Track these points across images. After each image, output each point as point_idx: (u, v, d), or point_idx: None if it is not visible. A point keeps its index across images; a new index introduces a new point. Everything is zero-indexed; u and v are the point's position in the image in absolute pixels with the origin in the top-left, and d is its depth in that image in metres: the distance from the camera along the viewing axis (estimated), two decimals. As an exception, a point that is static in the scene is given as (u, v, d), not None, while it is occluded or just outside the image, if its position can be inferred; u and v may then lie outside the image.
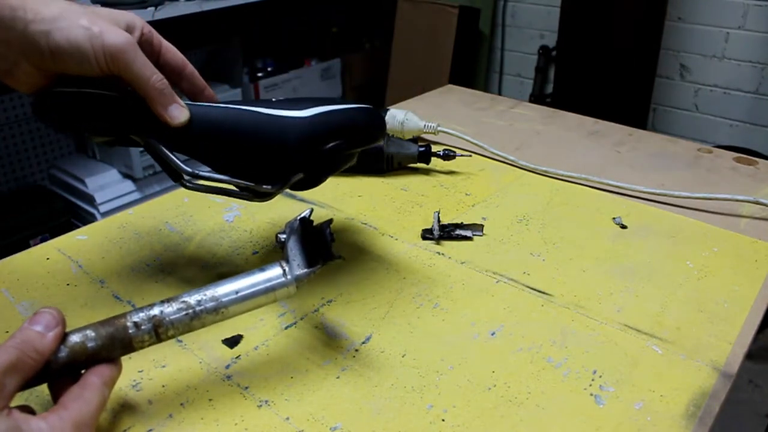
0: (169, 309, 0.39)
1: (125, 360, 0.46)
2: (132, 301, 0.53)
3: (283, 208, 0.68)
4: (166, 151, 0.47)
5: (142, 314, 0.38)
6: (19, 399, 0.40)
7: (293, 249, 0.43)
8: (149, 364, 0.46)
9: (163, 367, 0.46)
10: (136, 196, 1.93)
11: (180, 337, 0.49)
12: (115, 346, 0.37)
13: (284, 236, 0.45)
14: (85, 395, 0.35)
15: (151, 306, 0.39)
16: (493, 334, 0.50)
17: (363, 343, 0.49)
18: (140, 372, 0.45)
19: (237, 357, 0.47)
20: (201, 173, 0.48)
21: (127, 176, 1.93)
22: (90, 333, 0.37)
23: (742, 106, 2.23)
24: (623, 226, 0.66)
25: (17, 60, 0.42)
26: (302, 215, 0.46)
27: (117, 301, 0.53)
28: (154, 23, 1.98)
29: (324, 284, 0.56)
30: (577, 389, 0.45)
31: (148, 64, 0.44)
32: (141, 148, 1.98)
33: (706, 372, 0.46)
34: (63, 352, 0.36)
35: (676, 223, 0.66)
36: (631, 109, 2.15)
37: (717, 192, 0.70)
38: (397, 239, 0.63)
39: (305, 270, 0.42)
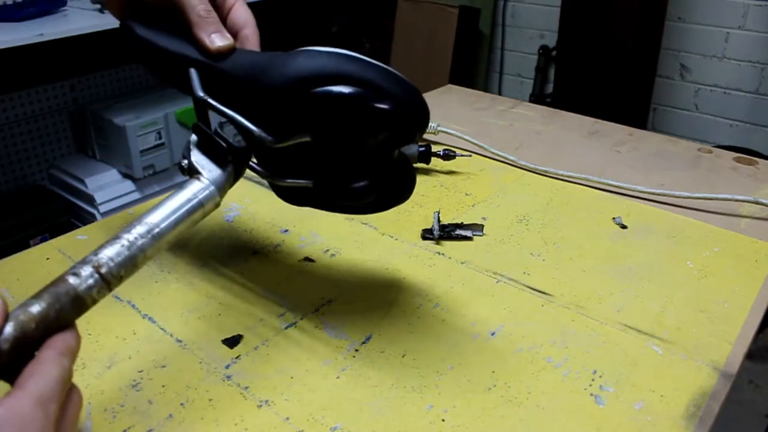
0: (106, 250, 0.36)
1: (125, 360, 0.46)
2: (132, 302, 0.53)
3: (284, 209, 0.68)
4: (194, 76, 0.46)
5: (78, 263, 0.35)
6: None
7: (200, 161, 0.42)
8: (149, 364, 0.46)
9: (163, 367, 0.46)
10: (136, 196, 1.93)
11: (180, 337, 0.49)
12: (63, 305, 0.33)
13: (186, 161, 0.43)
14: (41, 369, 0.32)
15: (86, 256, 0.36)
16: (493, 334, 0.50)
17: (363, 343, 0.49)
18: (140, 372, 0.45)
19: (237, 357, 0.47)
20: (213, 102, 0.45)
21: (127, 176, 1.93)
22: (32, 300, 0.33)
23: (742, 106, 2.23)
24: (623, 226, 0.66)
25: None
26: (193, 128, 0.44)
27: (117, 302, 0.53)
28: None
29: (324, 284, 0.56)
30: (577, 389, 0.45)
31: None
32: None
33: (706, 372, 0.46)
34: (9, 327, 0.32)
35: (676, 223, 0.66)
36: (631, 109, 2.15)
37: (717, 192, 0.70)
38: (397, 239, 0.63)
39: (219, 172, 0.42)
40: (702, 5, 2.19)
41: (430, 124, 0.79)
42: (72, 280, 0.34)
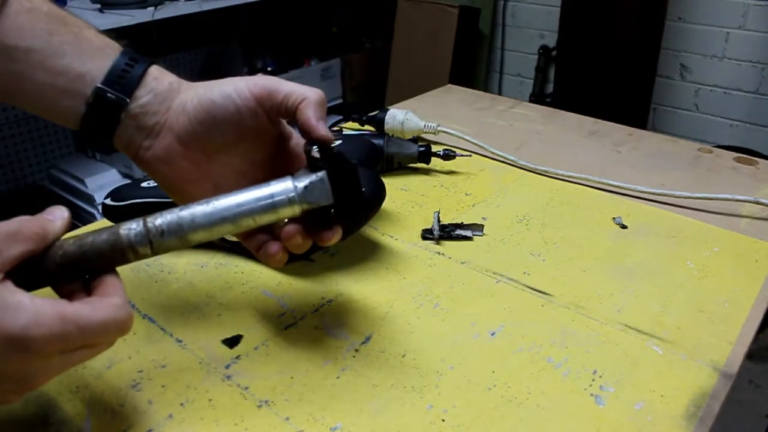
0: (165, 212, 0.37)
1: (125, 361, 0.46)
2: (132, 302, 0.53)
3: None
4: None
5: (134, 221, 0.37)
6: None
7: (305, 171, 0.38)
8: (149, 364, 0.46)
9: (163, 367, 0.46)
10: (136, 196, 1.92)
11: (180, 337, 0.49)
12: (101, 239, 0.36)
13: (318, 150, 0.38)
14: (97, 305, 0.34)
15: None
16: (493, 334, 0.50)
17: (363, 343, 0.49)
18: (140, 372, 0.45)
19: (237, 357, 0.47)
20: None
21: (126, 176, 1.93)
22: (86, 234, 0.36)
23: (742, 106, 2.23)
24: (623, 226, 0.65)
25: (160, 131, 0.43)
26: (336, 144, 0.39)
27: (117, 301, 0.53)
28: (154, 23, 1.97)
29: (324, 284, 0.56)
30: (578, 389, 0.45)
31: (297, 84, 0.43)
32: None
33: (706, 372, 0.46)
34: (59, 250, 0.36)
35: (677, 223, 0.66)
36: (631, 109, 2.15)
37: (717, 192, 0.70)
38: (397, 239, 0.63)
39: (315, 178, 0.37)
40: (702, 5, 2.19)
41: (430, 124, 0.79)
42: (122, 227, 0.36)
